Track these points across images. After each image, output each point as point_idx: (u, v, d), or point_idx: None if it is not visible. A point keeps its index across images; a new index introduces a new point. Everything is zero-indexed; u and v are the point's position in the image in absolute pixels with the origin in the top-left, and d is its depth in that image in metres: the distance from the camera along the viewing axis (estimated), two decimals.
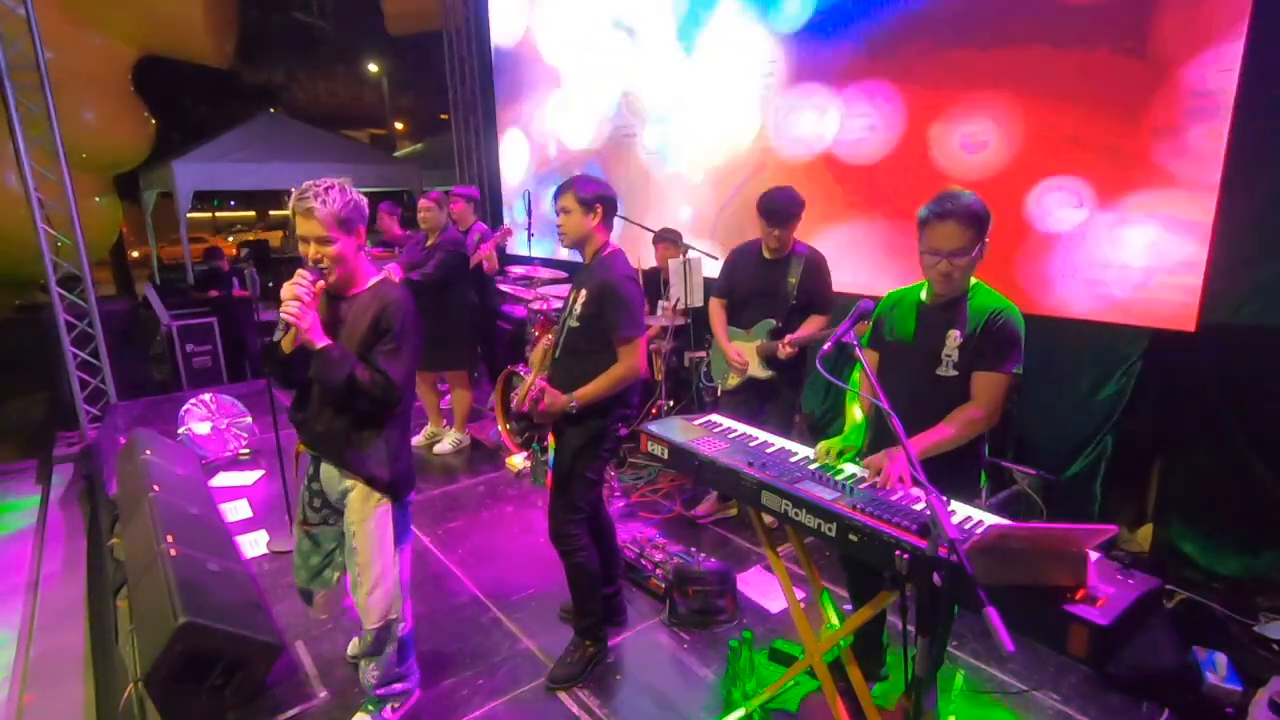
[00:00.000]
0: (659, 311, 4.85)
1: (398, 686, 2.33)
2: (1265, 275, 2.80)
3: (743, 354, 3.37)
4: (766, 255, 3.32)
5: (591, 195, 2.45)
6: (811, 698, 2.42)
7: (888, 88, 3.98)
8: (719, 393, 3.64)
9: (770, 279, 3.31)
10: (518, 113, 7.50)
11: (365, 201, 2.05)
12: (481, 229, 5.17)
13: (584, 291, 2.46)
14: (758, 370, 3.35)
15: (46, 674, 2.76)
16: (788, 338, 3.21)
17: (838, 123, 4.30)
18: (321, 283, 1.98)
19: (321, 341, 1.95)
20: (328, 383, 1.99)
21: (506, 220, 7.87)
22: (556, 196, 2.49)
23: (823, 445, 2.05)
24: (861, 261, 4.21)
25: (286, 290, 1.93)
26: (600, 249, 2.50)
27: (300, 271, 1.95)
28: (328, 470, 2.16)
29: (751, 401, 3.38)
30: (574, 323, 2.49)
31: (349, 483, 2.12)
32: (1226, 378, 2.94)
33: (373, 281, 2.12)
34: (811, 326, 3.27)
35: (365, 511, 2.12)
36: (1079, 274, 3.28)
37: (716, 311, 3.51)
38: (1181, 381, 3.08)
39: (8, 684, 2.69)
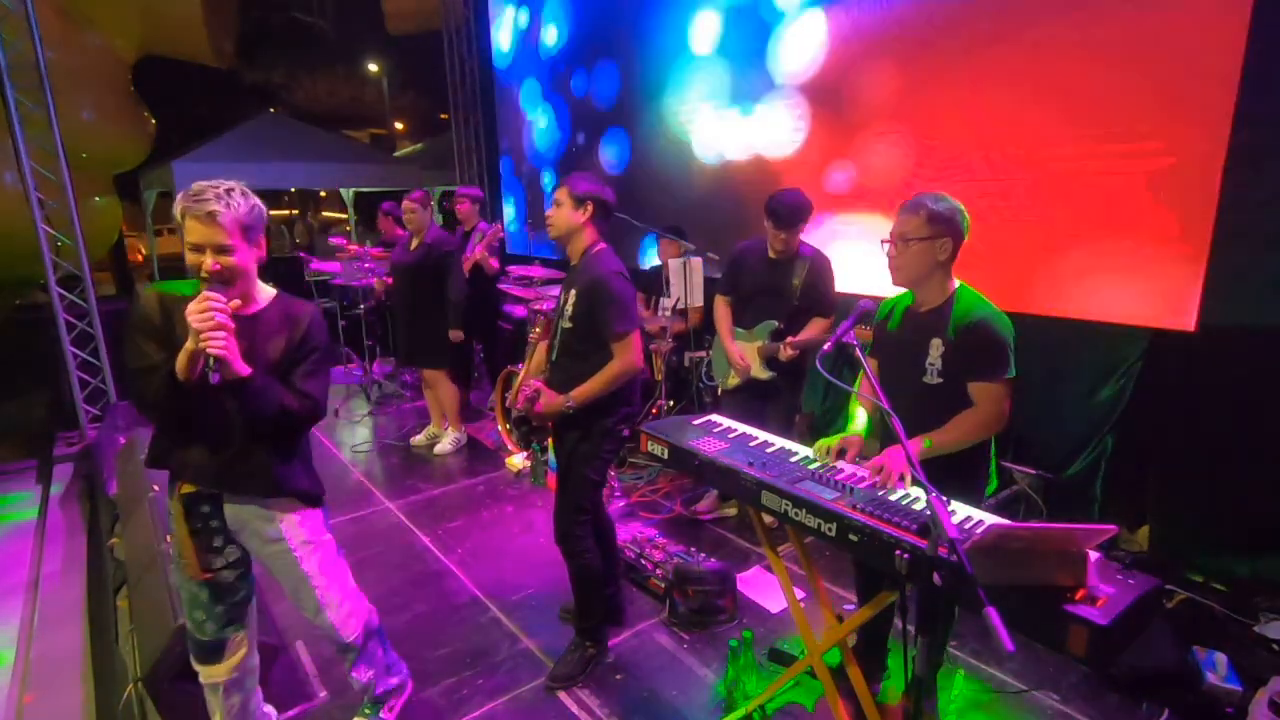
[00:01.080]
0: (659, 311, 4.85)
1: (392, 681, 2.29)
2: (1265, 275, 2.80)
3: (745, 355, 3.36)
4: (771, 255, 3.31)
5: (584, 192, 2.42)
6: (811, 696, 2.42)
7: None
8: (719, 392, 3.63)
9: (774, 279, 3.29)
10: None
11: (266, 210, 1.85)
12: (484, 228, 5.23)
13: (574, 291, 2.44)
14: (759, 371, 3.34)
15: (46, 674, 2.75)
16: (789, 340, 3.20)
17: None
18: (237, 301, 1.73)
19: (246, 370, 1.70)
20: (257, 414, 1.76)
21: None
22: (554, 187, 2.46)
23: (821, 444, 2.06)
24: None
25: (203, 318, 1.61)
26: (588, 247, 2.48)
27: (207, 294, 1.65)
28: (234, 508, 1.92)
29: (751, 402, 3.37)
30: (567, 324, 2.46)
31: (271, 511, 1.93)
32: (1226, 378, 2.94)
33: (273, 297, 1.91)
34: (814, 329, 3.25)
35: (304, 530, 1.98)
36: (1079, 273, 3.28)
37: (721, 309, 3.49)
38: (1181, 381, 3.08)
39: (8, 684, 2.69)
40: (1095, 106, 3.11)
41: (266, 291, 1.91)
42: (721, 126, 5.11)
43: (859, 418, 2.18)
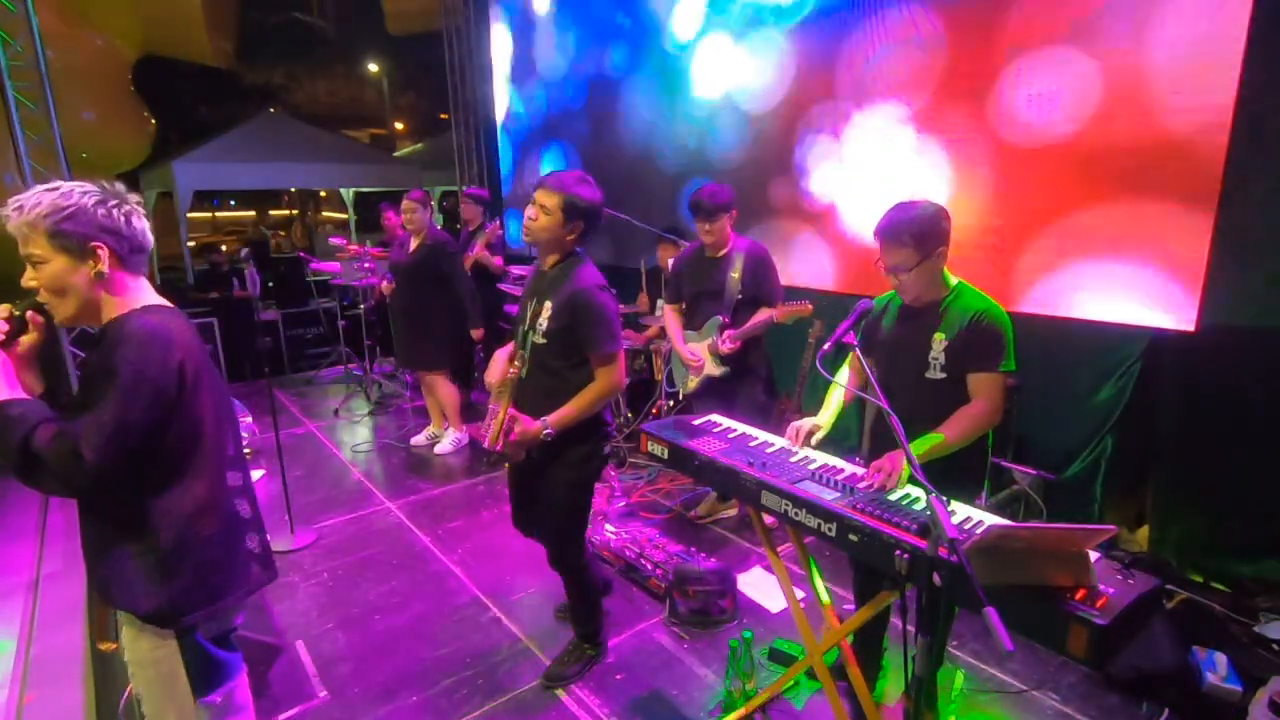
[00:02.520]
0: (658, 311, 4.85)
1: None
2: (1265, 275, 2.80)
3: (698, 354, 3.39)
4: (707, 254, 3.37)
5: (584, 206, 2.19)
6: (812, 697, 2.42)
7: None
8: (681, 397, 3.65)
9: (714, 277, 3.34)
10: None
11: (89, 204, 1.43)
12: (487, 227, 5.25)
13: (549, 304, 2.23)
14: (712, 368, 3.37)
15: (46, 674, 2.75)
16: (726, 333, 3.24)
17: None
18: (37, 317, 1.50)
19: None
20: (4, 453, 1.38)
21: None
22: (539, 185, 2.21)
23: (793, 426, 2.09)
24: None
25: None
26: (567, 255, 2.28)
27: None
28: None
29: (714, 404, 3.35)
30: (540, 339, 2.25)
31: (119, 614, 1.54)
32: (1226, 378, 2.94)
33: (125, 312, 1.51)
34: (757, 319, 3.28)
35: (139, 652, 1.53)
36: (1079, 273, 3.28)
37: (670, 317, 3.57)
38: (1181, 382, 3.08)
39: (8, 684, 2.69)
40: (1094, 106, 3.11)
41: (129, 306, 1.52)
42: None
43: (832, 405, 2.20)
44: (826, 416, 2.16)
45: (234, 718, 1.62)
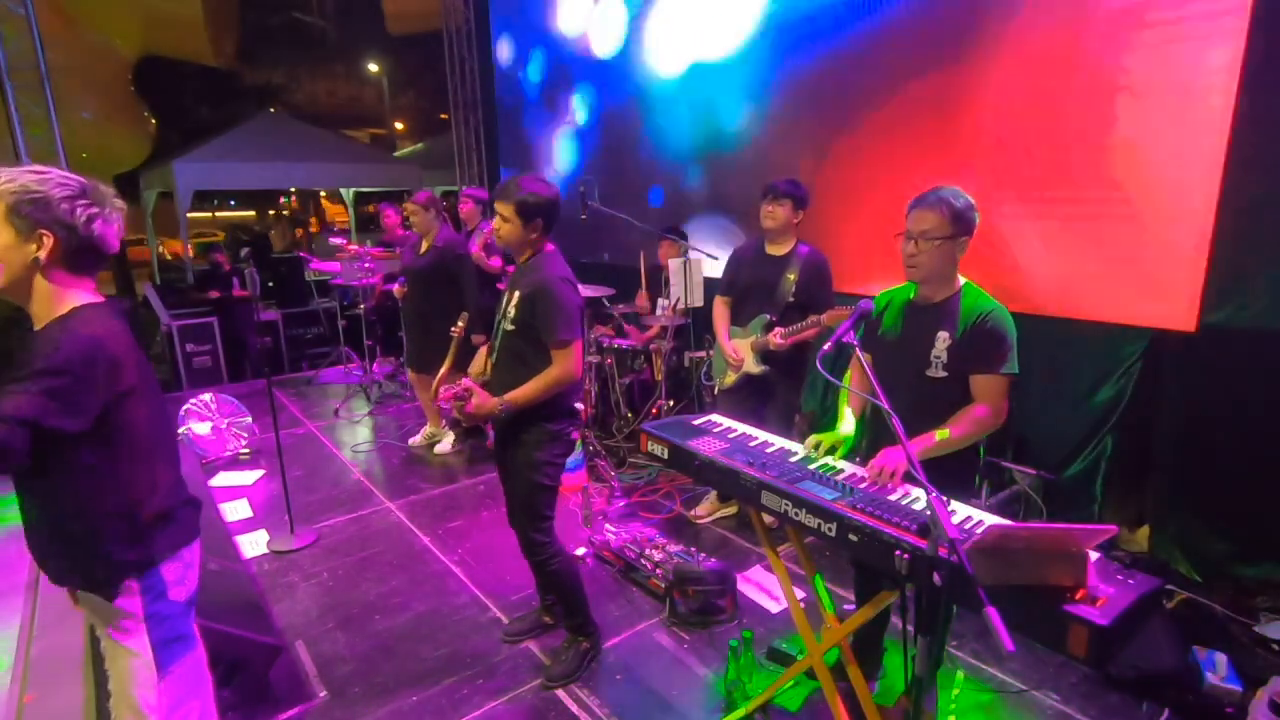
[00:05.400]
0: (659, 310, 4.85)
1: None
2: (1265, 275, 2.80)
3: (738, 350, 3.38)
4: (768, 250, 3.35)
5: (534, 208, 2.34)
6: (812, 697, 2.42)
7: None
8: (716, 391, 3.64)
9: (768, 275, 3.32)
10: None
11: (56, 196, 1.47)
12: (484, 227, 5.20)
13: (518, 293, 2.39)
14: (752, 366, 3.36)
15: (46, 674, 2.75)
16: (777, 329, 3.22)
17: None
18: None
19: None
20: None
21: None
22: (495, 199, 2.39)
23: (813, 439, 2.06)
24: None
25: None
26: (538, 250, 2.44)
27: None
28: None
29: (749, 402, 3.38)
30: (509, 326, 2.41)
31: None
32: (1226, 378, 2.94)
33: (70, 307, 1.52)
34: (808, 322, 3.26)
35: (113, 612, 1.56)
36: (1078, 273, 3.28)
37: (719, 309, 3.53)
38: (1181, 382, 3.08)
39: (8, 684, 2.69)
40: (1094, 106, 3.12)
41: (69, 303, 1.53)
42: None
43: (848, 417, 2.17)
44: (846, 429, 2.13)
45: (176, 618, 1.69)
